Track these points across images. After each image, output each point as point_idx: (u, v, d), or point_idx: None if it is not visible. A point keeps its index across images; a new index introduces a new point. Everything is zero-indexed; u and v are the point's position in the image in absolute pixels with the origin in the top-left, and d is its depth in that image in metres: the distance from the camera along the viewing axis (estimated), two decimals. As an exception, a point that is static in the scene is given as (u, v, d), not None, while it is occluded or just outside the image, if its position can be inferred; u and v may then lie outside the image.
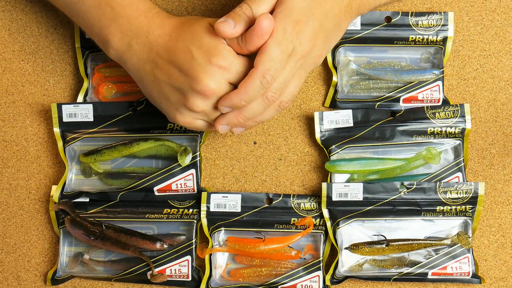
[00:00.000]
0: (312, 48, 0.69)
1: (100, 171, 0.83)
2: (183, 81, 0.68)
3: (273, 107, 0.71)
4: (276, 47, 0.66)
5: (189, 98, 0.69)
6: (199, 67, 0.67)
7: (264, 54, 0.66)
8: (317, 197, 0.82)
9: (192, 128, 0.73)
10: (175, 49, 0.69)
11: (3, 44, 0.86)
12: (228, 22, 0.67)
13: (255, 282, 0.81)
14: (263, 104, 0.69)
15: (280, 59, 0.66)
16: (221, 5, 0.85)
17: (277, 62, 0.66)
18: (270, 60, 0.66)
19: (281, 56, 0.66)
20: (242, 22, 0.67)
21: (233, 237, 0.81)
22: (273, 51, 0.66)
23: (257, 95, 0.68)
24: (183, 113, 0.71)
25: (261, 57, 0.66)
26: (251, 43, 0.67)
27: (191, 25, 0.70)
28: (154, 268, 0.81)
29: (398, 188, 0.80)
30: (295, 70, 0.69)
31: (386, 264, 0.81)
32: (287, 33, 0.66)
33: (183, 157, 0.81)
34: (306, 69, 0.71)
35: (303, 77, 0.71)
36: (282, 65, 0.67)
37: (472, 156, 0.84)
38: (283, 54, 0.66)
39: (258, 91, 0.67)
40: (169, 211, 0.82)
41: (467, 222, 0.81)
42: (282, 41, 0.66)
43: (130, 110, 0.82)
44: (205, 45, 0.68)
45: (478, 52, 0.84)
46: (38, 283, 0.85)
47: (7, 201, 0.85)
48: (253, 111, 0.70)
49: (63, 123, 0.82)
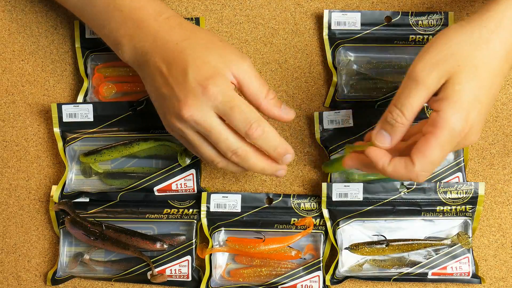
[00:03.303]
0: (476, 136, 0.64)
1: (100, 171, 0.83)
2: (172, 96, 0.68)
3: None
4: (439, 151, 0.61)
5: (178, 113, 0.68)
6: (188, 91, 0.66)
7: (424, 157, 0.61)
8: (317, 197, 0.82)
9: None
10: (177, 60, 0.68)
11: (3, 44, 0.86)
12: (382, 134, 0.64)
13: (255, 282, 0.81)
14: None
15: (441, 160, 0.62)
16: (221, 5, 0.85)
17: (436, 164, 0.61)
18: (430, 164, 0.61)
19: (442, 158, 0.61)
20: (398, 134, 0.63)
21: (233, 237, 0.81)
22: (435, 154, 0.61)
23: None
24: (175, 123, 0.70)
25: (420, 158, 0.61)
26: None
27: (200, 39, 0.68)
28: (154, 268, 0.81)
29: (398, 188, 0.80)
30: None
31: (386, 264, 0.81)
32: (454, 135, 0.61)
33: (183, 157, 0.81)
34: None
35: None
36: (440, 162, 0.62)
37: (472, 156, 0.84)
38: (445, 155, 0.62)
39: (402, 178, 0.63)
40: (169, 211, 0.82)
41: (467, 222, 0.81)
42: (446, 145, 0.61)
43: (130, 110, 0.82)
44: (204, 69, 0.66)
45: (478, 52, 0.84)
46: (38, 283, 0.85)
47: (7, 201, 0.85)
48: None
49: (63, 123, 0.82)
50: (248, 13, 0.85)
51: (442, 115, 0.61)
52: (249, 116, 0.67)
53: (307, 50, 0.85)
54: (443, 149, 0.61)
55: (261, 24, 0.85)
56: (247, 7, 0.85)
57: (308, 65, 0.85)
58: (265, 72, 0.85)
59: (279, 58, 0.85)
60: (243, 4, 0.85)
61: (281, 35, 0.85)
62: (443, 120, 0.60)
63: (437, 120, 0.61)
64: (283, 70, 0.85)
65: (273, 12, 0.85)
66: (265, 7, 0.85)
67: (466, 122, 0.61)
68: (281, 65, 0.85)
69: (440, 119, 0.61)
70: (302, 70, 0.85)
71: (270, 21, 0.85)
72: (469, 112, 0.61)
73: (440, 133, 0.61)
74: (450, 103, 0.61)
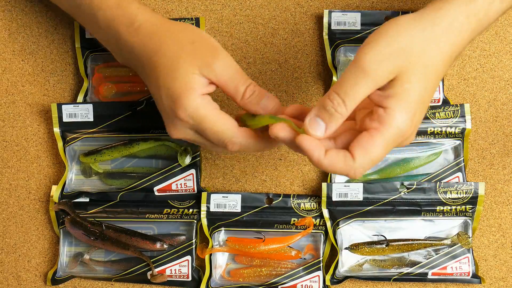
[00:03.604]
0: (413, 138, 0.63)
1: (100, 171, 0.83)
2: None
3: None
4: (382, 149, 0.59)
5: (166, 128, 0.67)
6: (165, 113, 0.66)
7: (367, 153, 0.59)
8: (317, 197, 0.82)
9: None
10: (152, 79, 0.67)
11: (3, 44, 0.86)
12: (318, 122, 0.60)
13: (255, 282, 0.81)
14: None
15: (381, 159, 0.60)
16: (221, 5, 0.85)
17: (376, 162, 0.59)
18: (370, 160, 0.59)
19: (383, 156, 0.59)
20: (334, 125, 0.60)
21: (233, 237, 0.81)
22: (377, 151, 0.59)
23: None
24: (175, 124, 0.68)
25: (362, 153, 0.59)
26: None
27: (169, 51, 0.66)
28: (154, 268, 0.81)
29: (398, 188, 0.80)
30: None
31: (386, 264, 0.81)
32: (400, 135, 0.59)
33: (183, 157, 0.81)
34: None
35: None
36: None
37: (472, 156, 0.84)
38: (386, 153, 0.60)
39: (337, 172, 0.60)
40: (169, 211, 0.82)
41: (467, 222, 0.81)
42: (390, 144, 0.59)
43: (130, 110, 0.82)
44: (173, 89, 0.64)
45: (478, 52, 0.84)
46: (38, 283, 0.85)
47: (7, 201, 0.85)
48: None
49: (63, 123, 0.82)
50: (248, 13, 0.85)
51: (390, 113, 0.58)
52: (222, 137, 0.64)
53: (307, 50, 0.85)
54: (386, 147, 0.59)
55: (261, 24, 0.85)
56: (247, 7, 0.85)
57: (308, 65, 0.85)
58: (265, 72, 0.85)
59: (279, 58, 0.85)
60: (243, 4, 0.85)
61: (281, 35, 0.85)
62: (391, 118, 0.58)
63: (384, 117, 0.58)
64: (283, 70, 0.85)
65: (273, 12, 0.85)
66: (265, 7, 0.85)
67: (412, 122, 0.59)
68: (281, 65, 0.85)
69: (387, 116, 0.58)
70: (302, 70, 0.85)
71: (270, 21, 0.85)
72: (415, 113, 0.60)
73: (386, 131, 0.59)
74: (399, 102, 0.59)
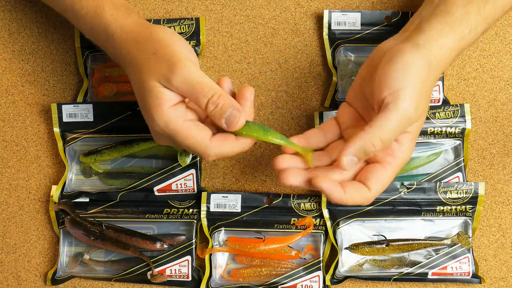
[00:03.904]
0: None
1: (100, 171, 0.83)
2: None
3: None
4: (391, 180, 0.64)
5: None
6: (148, 124, 0.67)
7: (381, 186, 0.64)
8: (317, 197, 0.82)
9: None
10: (133, 90, 0.69)
11: (3, 44, 0.86)
12: (354, 161, 0.62)
13: (255, 282, 0.81)
14: None
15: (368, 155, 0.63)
16: (221, 5, 0.85)
17: (386, 187, 0.65)
18: (382, 190, 0.64)
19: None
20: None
21: (233, 237, 0.81)
22: (388, 183, 0.64)
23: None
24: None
25: (378, 187, 0.63)
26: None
27: (138, 65, 0.67)
28: (154, 268, 0.81)
29: (398, 188, 0.80)
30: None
31: (386, 264, 0.81)
32: (403, 164, 0.65)
33: (183, 157, 0.81)
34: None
35: None
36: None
37: (472, 156, 0.84)
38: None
39: (357, 204, 0.64)
40: (169, 211, 0.82)
41: (467, 222, 0.81)
42: (396, 174, 0.65)
43: (130, 110, 0.82)
44: (146, 104, 0.65)
45: (478, 52, 0.84)
46: (38, 283, 0.85)
47: (7, 201, 0.85)
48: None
49: (63, 123, 0.82)
50: (248, 13, 0.85)
51: (403, 149, 0.64)
52: (194, 150, 0.65)
53: (307, 50, 0.85)
54: (393, 178, 0.65)
55: (261, 24, 0.85)
56: (247, 7, 0.85)
57: (308, 65, 0.85)
58: (265, 72, 0.85)
59: (279, 58, 0.85)
60: (243, 4, 0.85)
61: (281, 35, 0.85)
62: (404, 154, 0.64)
63: (397, 153, 0.64)
64: (283, 70, 0.85)
65: (273, 12, 0.85)
66: (265, 7, 0.85)
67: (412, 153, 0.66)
68: (281, 65, 0.85)
69: (401, 153, 0.64)
70: (302, 70, 0.85)
71: (270, 21, 0.85)
72: (416, 138, 0.66)
73: (398, 166, 0.64)
74: (411, 139, 0.65)
